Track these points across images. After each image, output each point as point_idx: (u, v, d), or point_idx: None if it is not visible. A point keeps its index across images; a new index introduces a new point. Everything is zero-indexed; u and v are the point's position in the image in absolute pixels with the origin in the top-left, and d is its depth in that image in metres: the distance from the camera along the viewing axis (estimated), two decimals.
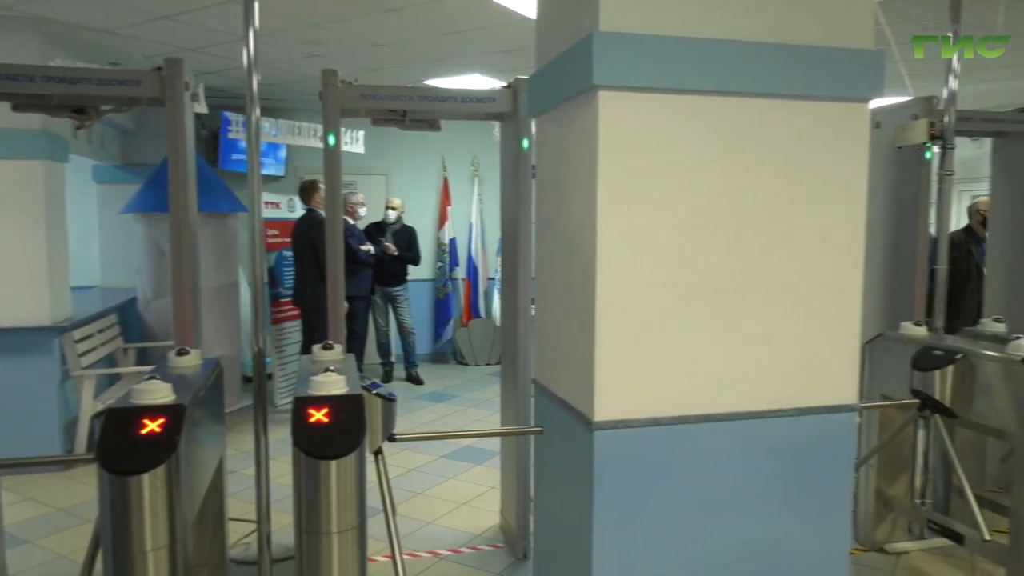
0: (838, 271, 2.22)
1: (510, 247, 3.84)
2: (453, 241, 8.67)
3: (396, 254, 7.35)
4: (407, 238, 7.54)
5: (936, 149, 3.83)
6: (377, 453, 2.50)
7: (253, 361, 2.78)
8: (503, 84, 3.74)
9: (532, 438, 2.89)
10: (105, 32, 5.07)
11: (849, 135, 2.19)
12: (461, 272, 8.77)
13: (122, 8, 4.58)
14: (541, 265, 2.62)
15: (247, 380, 6.82)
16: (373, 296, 7.36)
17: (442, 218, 8.67)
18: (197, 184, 3.37)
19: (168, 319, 4.64)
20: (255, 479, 2.86)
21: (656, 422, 2.09)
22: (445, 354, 8.87)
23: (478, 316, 8.76)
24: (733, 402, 2.15)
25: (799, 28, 2.10)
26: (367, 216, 7.23)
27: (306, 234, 6.18)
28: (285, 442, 2.08)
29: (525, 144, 3.61)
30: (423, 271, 8.37)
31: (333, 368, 2.30)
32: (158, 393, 2.11)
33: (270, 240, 6.65)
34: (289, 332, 6.78)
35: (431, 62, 6.07)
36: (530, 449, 3.34)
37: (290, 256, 6.65)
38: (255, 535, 3.10)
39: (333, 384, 2.21)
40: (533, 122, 2.98)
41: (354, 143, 7.20)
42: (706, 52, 2.02)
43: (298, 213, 6.73)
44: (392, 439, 2.56)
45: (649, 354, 2.08)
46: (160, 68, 3.10)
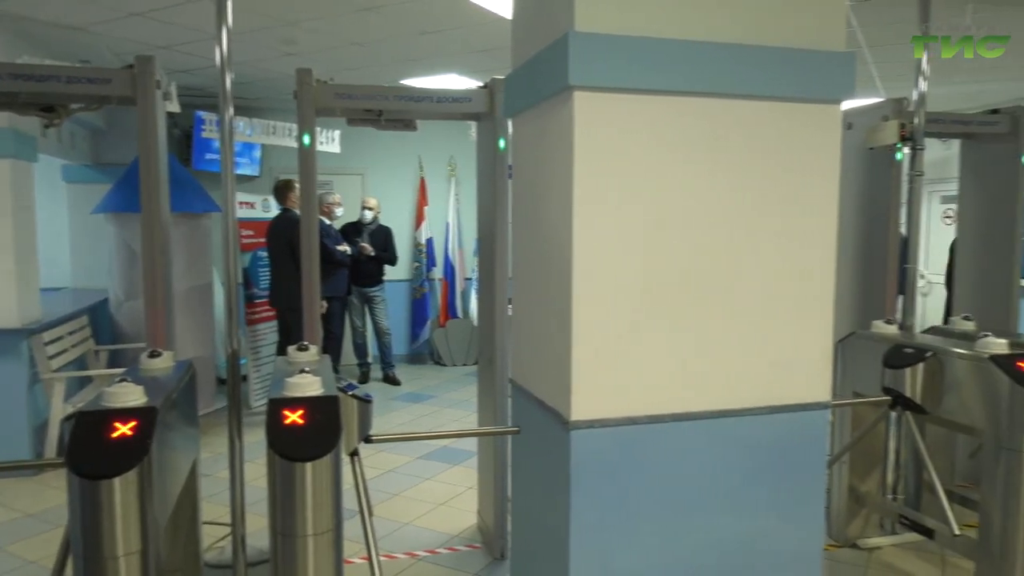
0: (811, 270, 2.25)
1: (487, 247, 3.84)
2: (430, 241, 8.64)
3: (373, 254, 7.31)
4: (383, 238, 7.51)
5: (906, 150, 3.89)
6: (353, 455, 2.48)
7: (227, 363, 2.75)
8: (480, 84, 3.74)
9: (509, 438, 2.89)
10: (74, 29, 4.99)
11: (821, 136, 2.22)
12: (438, 272, 8.75)
13: (92, 5, 4.51)
14: (518, 265, 2.62)
15: (221, 382, 6.75)
16: (349, 296, 7.32)
17: (419, 218, 8.64)
18: (169, 184, 3.33)
19: (140, 321, 4.57)
20: (229, 482, 2.83)
21: (632, 421, 2.10)
22: (422, 354, 8.84)
23: (455, 316, 8.75)
24: (708, 400, 2.17)
25: (772, 30, 2.12)
26: (343, 216, 7.19)
27: (281, 234, 6.13)
28: (260, 444, 2.06)
29: (502, 144, 3.61)
30: (400, 271, 8.34)
31: (308, 369, 2.29)
32: (130, 396, 2.08)
33: (244, 240, 6.59)
34: (264, 333, 6.72)
35: (408, 62, 6.05)
36: (507, 449, 3.34)
37: (265, 257, 6.59)
38: (230, 538, 3.07)
39: (308, 385, 2.20)
40: (510, 122, 2.98)
41: (330, 143, 7.16)
42: (680, 53, 2.03)
43: (273, 213, 6.67)
44: (368, 440, 2.55)
45: (625, 353, 2.09)
46: (131, 66, 3.06)
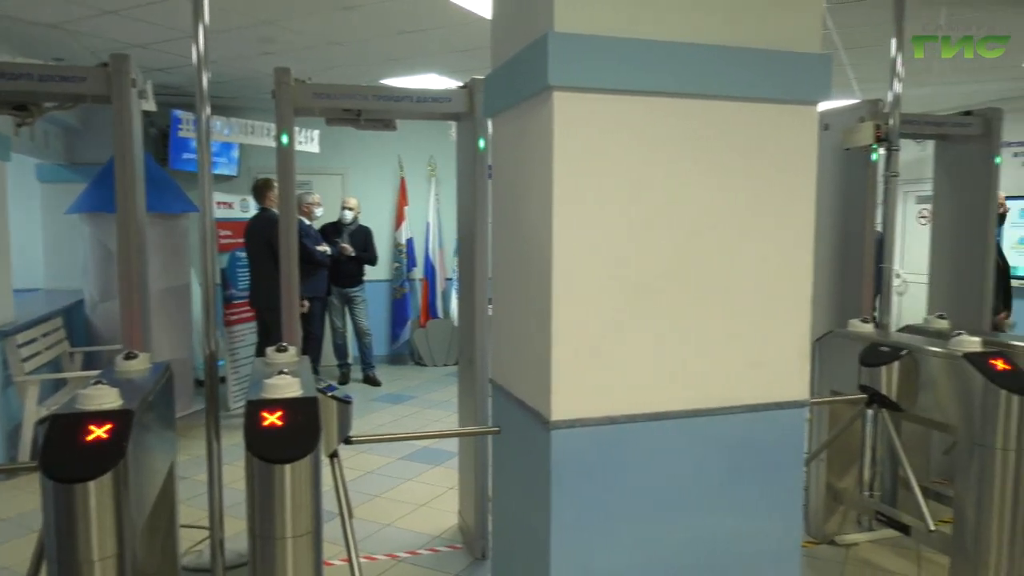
0: (788, 270, 2.27)
1: (467, 247, 3.83)
2: (410, 241, 8.62)
3: (353, 254, 7.28)
4: (363, 238, 7.48)
5: (882, 151, 3.94)
6: (333, 456, 2.47)
7: (205, 364, 2.73)
8: (459, 84, 3.73)
9: (490, 438, 2.89)
10: (48, 26, 4.92)
11: (798, 136, 2.24)
12: (418, 272, 8.72)
13: (66, 2, 4.45)
14: (498, 265, 2.62)
15: (199, 384, 6.69)
16: (329, 297, 7.28)
17: (399, 218, 8.61)
18: (146, 184, 3.29)
19: (116, 322, 4.52)
20: (207, 484, 2.81)
21: (612, 421, 2.11)
22: (403, 355, 8.81)
23: (436, 316, 8.73)
24: (687, 400, 2.18)
25: (749, 31, 2.13)
26: (323, 216, 7.15)
27: (260, 233, 6.07)
28: (239, 446, 2.04)
29: (481, 144, 3.61)
30: (380, 272, 8.30)
31: (287, 370, 2.27)
32: (105, 398, 2.06)
33: (223, 241, 6.53)
34: (243, 334, 6.66)
35: (387, 61, 6.03)
36: (488, 449, 3.34)
37: (244, 257, 6.53)
38: (208, 542, 3.04)
39: (287, 387, 2.18)
40: (490, 122, 2.98)
41: (309, 142, 7.12)
42: (659, 53, 2.05)
43: (251, 213, 6.61)
44: (348, 442, 2.54)
45: (605, 353, 2.10)
46: (106, 64, 3.02)
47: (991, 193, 4.42)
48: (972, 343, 3.02)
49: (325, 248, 6.87)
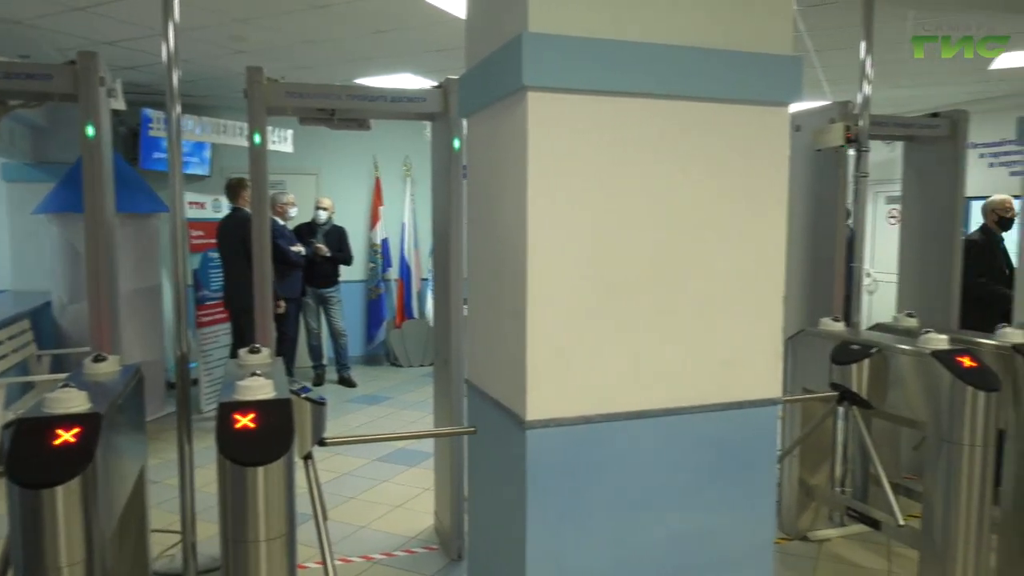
0: (761, 269, 2.29)
1: (442, 248, 3.82)
2: (385, 242, 8.58)
3: (328, 255, 7.23)
4: (338, 238, 7.43)
5: (852, 152, 3.99)
6: (307, 458, 2.45)
7: (176, 366, 2.70)
8: (434, 84, 3.72)
9: (466, 438, 2.88)
10: (14, 23, 4.82)
11: (770, 137, 2.26)
12: (394, 273, 8.68)
13: None
14: (473, 265, 2.62)
15: (171, 386, 6.59)
16: (304, 298, 7.23)
17: (374, 218, 8.57)
18: (115, 183, 3.24)
19: (85, 324, 4.44)
20: (179, 488, 2.78)
21: (587, 420, 2.11)
22: (378, 356, 8.77)
23: (411, 317, 8.69)
24: (660, 398, 2.19)
25: (721, 33, 2.15)
26: (297, 217, 7.09)
27: (234, 233, 6.00)
28: (211, 449, 2.02)
29: (456, 144, 3.60)
30: (355, 272, 8.25)
31: (260, 372, 2.25)
32: (73, 402, 2.02)
33: (194, 241, 6.44)
34: (215, 336, 6.58)
35: (362, 61, 5.99)
36: (464, 450, 3.33)
37: (216, 258, 6.46)
38: (180, 546, 3.01)
39: (260, 388, 2.16)
40: (464, 122, 2.98)
41: (282, 142, 7.05)
42: (633, 54, 2.05)
43: (224, 213, 6.54)
44: (322, 443, 2.52)
45: (579, 353, 2.10)
46: (73, 62, 2.97)
47: (958, 193, 4.50)
48: (940, 341, 3.07)
49: (300, 248, 6.82)
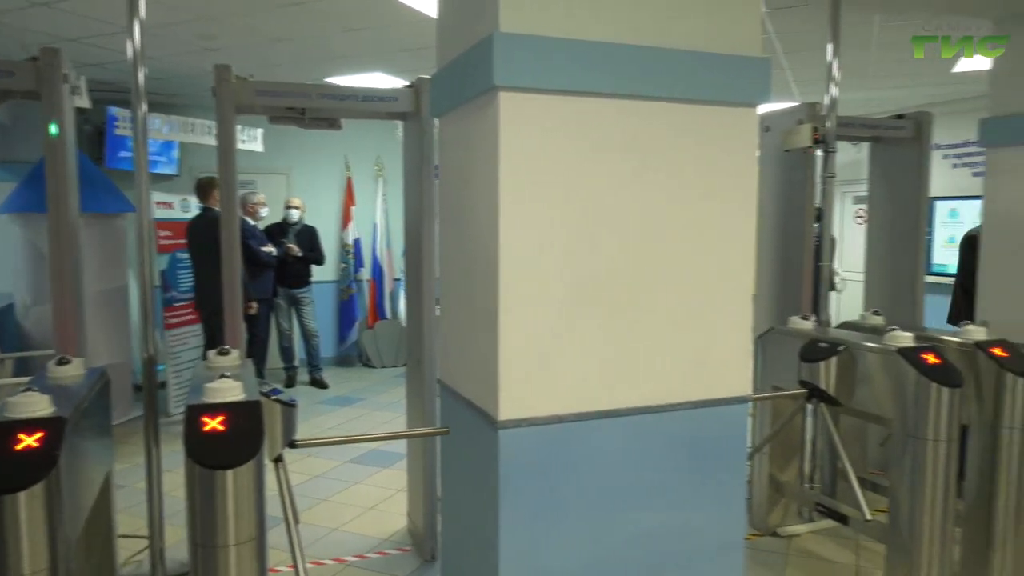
0: (731, 268, 2.31)
1: (414, 248, 3.81)
2: (357, 242, 8.52)
3: (300, 255, 7.17)
4: (309, 238, 7.37)
5: (819, 152, 4.05)
6: (277, 461, 2.43)
7: (143, 368, 2.65)
8: (406, 83, 3.71)
9: (439, 439, 2.87)
10: None
11: (739, 138, 2.29)
12: (366, 273, 8.63)
13: None
14: (445, 265, 2.61)
15: (139, 389, 6.48)
16: (276, 298, 7.16)
17: (346, 218, 8.51)
18: (80, 183, 3.18)
19: (49, 326, 4.35)
20: (146, 492, 2.73)
21: (559, 419, 2.12)
22: (351, 356, 8.71)
23: (384, 317, 8.65)
24: (632, 397, 2.21)
25: (692, 35, 2.17)
26: (269, 217, 7.02)
27: (205, 233, 5.91)
28: (180, 453, 1.99)
29: (429, 144, 3.58)
30: (327, 272, 8.19)
31: (229, 374, 2.22)
32: (36, 406, 1.98)
33: (163, 242, 6.35)
34: (185, 337, 6.49)
35: (333, 59, 5.95)
36: (437, 450, 3.32)
37: (185, 258, 6.37)
38: (148, 552, 2.96)
39: (229, 390, 2.13)
40: (436, 122, 2.97)
41: (252, 141, 6.97)
42: (603, 55, 2.07)
43: (193, 213, 6.44)
44: (293, 445, 2.49)
45: (552, 352, 2.11)
46: (36, 58, 2.91)
47: (922, 193, 4.59)
48: (905, 338, 3.12)
49: (271, 249, 6.75)
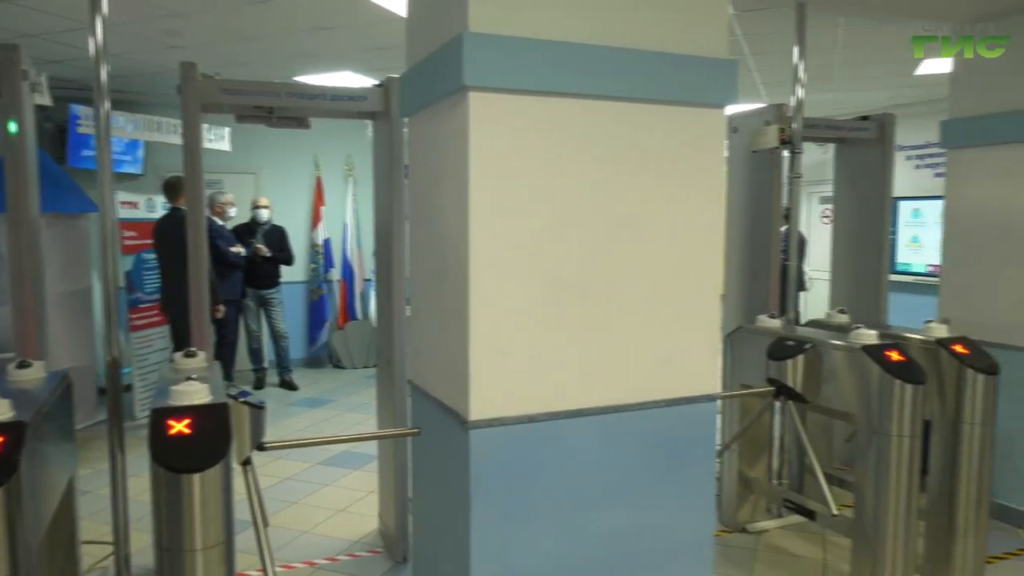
0: (699, 268, 2.34)
1: (384, 247, 3.79)
2: (327, 242, 8.45)
3: (268, 255, 7.08)
4: (278, 238, 7.29)
5: (786, 153, 4.10)
6: (245, 464, 2.40)
7: (106, 371, 2.61)
8: (375, 83, 3.68)
9: (410, 440, 2.86)
10: None
11: (707, 139, 2.31)
12: (336, 274, 8.56)
13: None
14: (416, 265, 2.61)
15: (103, 392, 6.37)
16: (244, 300, 7.07)
17: (315, 218, 8.43)
18: (42, 182, 3.12)
19: (8, 329, 4.26)
20: (111, 497, 2.68)
21: (530, 419, 2.12)
22: (321, 357, 8.63)
23: (355, 318, 8.59)
24: (602, 396, 2.22)
25: (659, 36, 2.19)
26: (237, 217, 6.93)
27: (173, 234, 5.79)
28: (147, 457, 1.96)
29: (398, 144, 3.57)
30: (296, 273, 8.11)
31: (196, 376, 2.18)
32: None
33: (127, 242, 6.23)
34: (151, 340, 6.38)
35: (302, 58, 5.89)
36: (408, 451, 3.31)
37: (151, 259, 6.26)
38: (112, 558, 2.91)
39: (195, 393, 2.10)
40: (406, 121, 2.95)
41: (219, 140, 6.88)
42: (573, 55, 2.07)
43: (159, 213, 6.34)
44: (262, 448, 2.46)
45: (522, 352, 2.11)
46: None
47: (886, 193, 4.67)
48: (869, 336, 3.18)
49: (239, 249, 6.67)
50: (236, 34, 5.20)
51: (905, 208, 7.81)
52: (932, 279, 6.61)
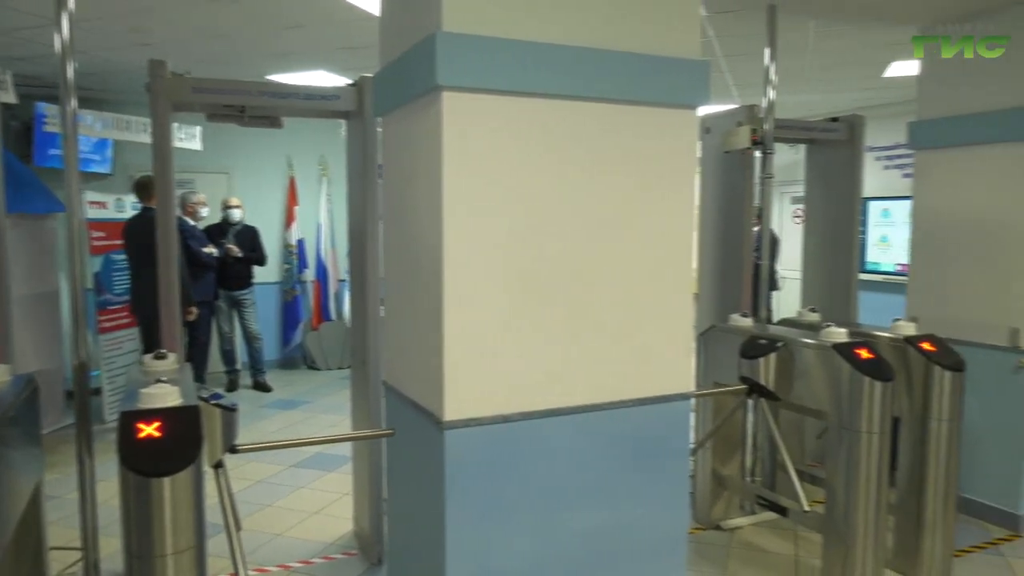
0: (672, 267, 2.35)
1: (358, 248, 3.76)
2: (301, 242, 8.38)
3: (240, 255, 7.00)
4: (251, 238, 7.21)
5: (758, 154, 4.15)
6: (217, 467, 2.37)
7: (74, 375, 2.56)
8: (349, 82, 3.66)
9: (384, 441, 2.85)
10: None
11: (679, 138, 2.33)
12: (310, 274, 8.49)
13: None
14: (390, 265, 2.59)
15: (71, 395, 6.26)
16: (216, 301, 6.98)
17: (289, 219, 8.36)
18: (6, 182, 3.05)
19: None
20: (79, 503, 2.64)
21: (505, 419, 2.12)
22: (295, 359, 8.56)
23: (329, 319, 8.52)
24: (577, 396, 2.22)
25: (631, 37, 2.20)
26: (209, 217, 6.85)
27: (144, 234, 5.70)
28: (116, 461, 1.92)
29: (372, 143, 3.55)
30: (270, 273, 8.03)
31: (165, 379, 2.16)
32: None
33: (96, 243, 6.13)
34: (120, 342, 6.28)
35: (274, 57, 5.83)
36: (383, 452, 3.29)
37: (120, 260, 6.16)
38: (81, 564, 2.86)
39: (165, 396, 2.07)
40: (380, 121, 2.94)
41: (190, 139, 6.80)
42: (546, 56, 2.08)
43: (128, 213, 6.24)
44: (234, 451, 2.44)
45: (497, 352, 2.11)
46: None
47: (856, 193, 4.74)
48: (840, 334, 3.22)
49: (211, 250, 6.59)
50: (207, 32, 5.13)
51: (874, 208, 7.93)
52: (900, 278, 6.72)
